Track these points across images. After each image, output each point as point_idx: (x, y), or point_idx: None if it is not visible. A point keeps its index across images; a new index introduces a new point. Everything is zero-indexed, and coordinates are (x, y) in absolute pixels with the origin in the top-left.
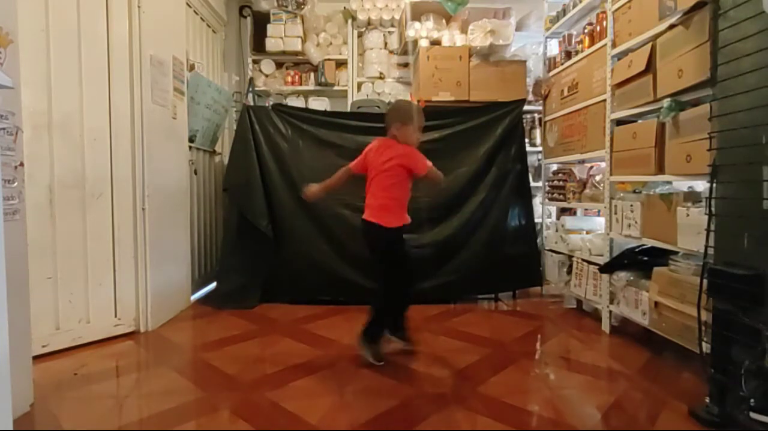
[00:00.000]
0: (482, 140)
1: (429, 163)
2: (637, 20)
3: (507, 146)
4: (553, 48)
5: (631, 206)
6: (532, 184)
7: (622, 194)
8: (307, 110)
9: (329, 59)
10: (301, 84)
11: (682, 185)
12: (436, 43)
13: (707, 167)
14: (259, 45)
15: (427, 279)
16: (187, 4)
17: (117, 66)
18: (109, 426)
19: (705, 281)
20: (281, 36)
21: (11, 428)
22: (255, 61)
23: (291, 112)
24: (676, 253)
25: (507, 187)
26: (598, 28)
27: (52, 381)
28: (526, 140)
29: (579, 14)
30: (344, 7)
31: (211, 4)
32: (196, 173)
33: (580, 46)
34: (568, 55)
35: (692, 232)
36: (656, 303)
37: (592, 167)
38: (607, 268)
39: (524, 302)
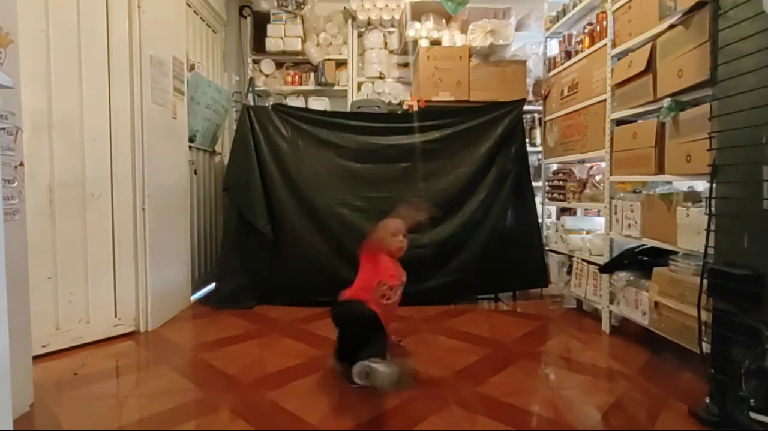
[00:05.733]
0: (482, 140)
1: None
2: (637, 20)
3: (507, 146)
4: (553, 48)
5: (631, 206)
6: (533, 184)
7: (622, 194)
8: (307, 110)
9: (329, 59)
10: (301, 84)
11: (682, 185)
12: (436, 43)
13: (707, 167)
14: (259, 45)
15: (427, 280)
16: (187, 4)
17: (117, 66)
18: (109, 426)
19: (705, 281)
20: (281, 36)
21: (11, 428)
22: (255, 61)
23: (291, 112)
24: (676, 253)
25: (507, 187)
26: (598, 28)
27: (52, 381)
28: (527, 140)
29: (579, 14)
30: (344, 7)
31: (211, 4)
32: (196, 173)
33: (580, 46)
34: (568, 55)
35: (692, 232)
36: (656, 303)
37: (592, 167)
38: (607, 268)
39: (524, 303)
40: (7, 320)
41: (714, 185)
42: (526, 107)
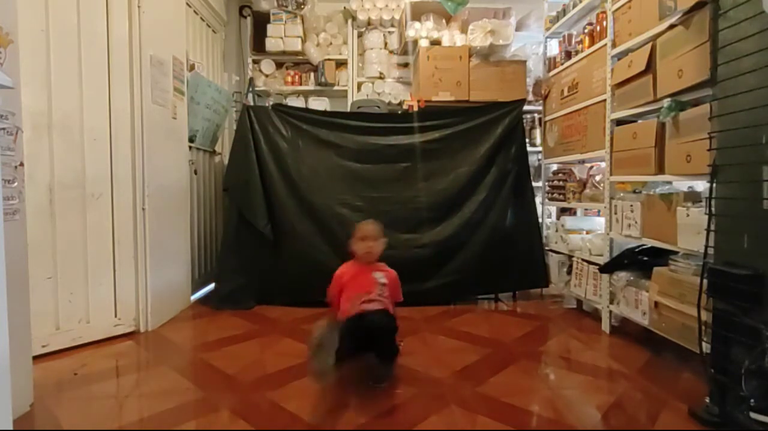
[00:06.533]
0: (482, 140)
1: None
2: (637, 20)
3: (507, 146)
4: (553, 48)
5: (631, 206)
6: (533, 184)
7: (622, 194)
8: (307, 110)
9: (329, 59)
10: (301, 84)
11: (682, 185)
12: (436, 43)
13: (707, 167)
14: (259, 45)
15: (427, 280)
16: (187, 4)
17: (117, 66)
18: (109, 426)
19: (705, 281)
20: (281, 36)
21: (11, 428)
22: (255, 61)
23: (291, 112)
24: (676, 253)
25: (507, 187)
26: (598, 28)
27: (52, 381)
28: (527, 140)
29: (579, 14)
30: (344, 7)
31: (211, 4)
32: (196, 173)
33: (580, 46)
34: (568, 55)
35: (692, 232)
36: (656, 303)
37: (592, 167)
38: (607, 268)
39: (524, 303)
40: (7, 321)
41: (714, 185)
42: (526, 107)
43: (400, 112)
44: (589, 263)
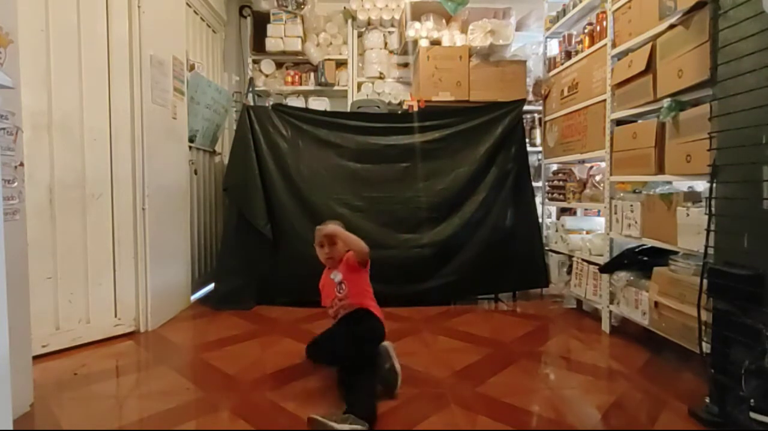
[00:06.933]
0: (482, 140)
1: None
2: (637, 20)
3: (507, 146)
4: (553, 48)
5: (631, 206)
6: (533, 184)
7: (622, 194)
8: (307, 110)
9: (329, 59)
10: (301, 84)
11: (682, 185)
12: (436, 43)
13: (707, 167)
14: (259, 45)
15: (427, 279)
16: (187, 4)
17: (117, 66)
18: (109, 426)
19: (705, 281)
20: (281, 36)
21: (11, 428)
22: (255, 61)
23: (291, 112)
24: (676, 253)
25: (507, 187)
26: (598, 28)
27: (52, 381)
28: (527, 140)
29: (579, 14)
30: (344, 7)
31: (211, 4)
32: (196, 173)
33: (580, 46)
34: (568, 55)
35: (692, 232)
36: (656, 303)
37: (592, 167)
38: (607, 268)
39: (524, 303)
40: (7, 321)
41: (714, 185)
42: (526, 107)
43: (400, 112)
44: (589, 263)
